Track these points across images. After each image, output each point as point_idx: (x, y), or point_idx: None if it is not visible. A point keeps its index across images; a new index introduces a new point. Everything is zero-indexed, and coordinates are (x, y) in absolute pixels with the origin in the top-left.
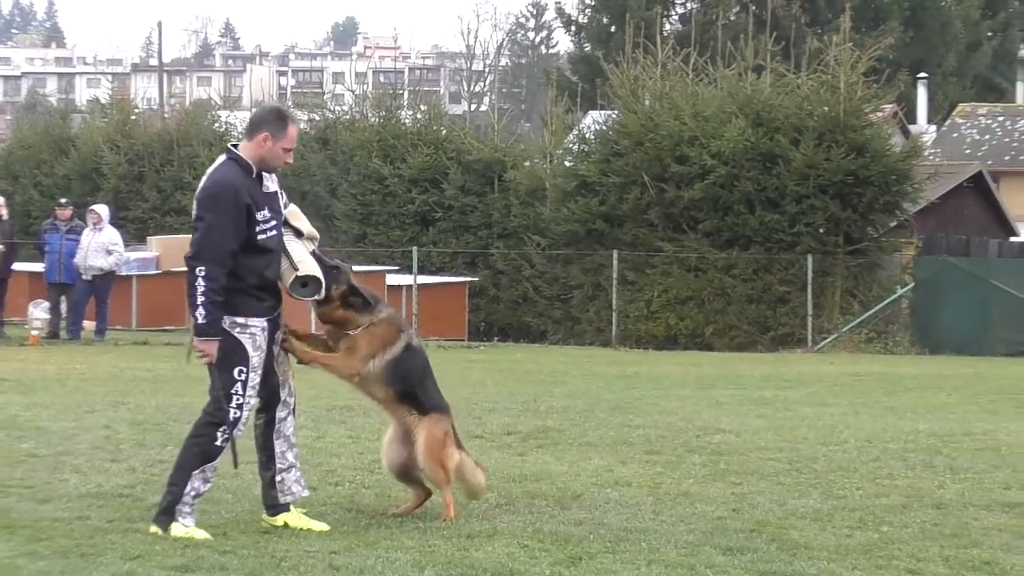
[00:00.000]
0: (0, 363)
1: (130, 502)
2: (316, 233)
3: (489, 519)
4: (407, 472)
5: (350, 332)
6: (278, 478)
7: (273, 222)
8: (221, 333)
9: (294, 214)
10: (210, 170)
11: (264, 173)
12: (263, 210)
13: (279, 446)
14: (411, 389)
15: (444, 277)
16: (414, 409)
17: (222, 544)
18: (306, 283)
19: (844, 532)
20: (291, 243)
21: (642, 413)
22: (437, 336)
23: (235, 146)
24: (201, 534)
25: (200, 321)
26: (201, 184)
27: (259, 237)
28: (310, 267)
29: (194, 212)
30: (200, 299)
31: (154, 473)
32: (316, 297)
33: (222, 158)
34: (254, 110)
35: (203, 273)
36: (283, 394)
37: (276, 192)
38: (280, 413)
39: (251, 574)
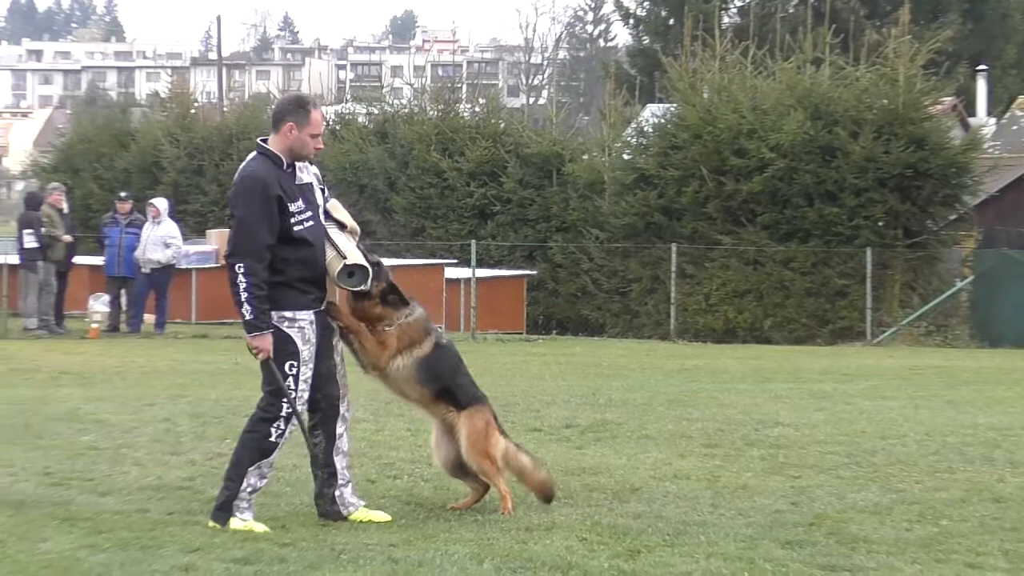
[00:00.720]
0: (61, 356)
1: (190, 495)
2: (358, 228)
3: (548, 512)
4: (460, 468)
5: (382, 328)
6: (337, 493)
7: (309, 213)
8: (271, 326)
9: (335, 207)
10: (242, 166)
11: (297, 165)
12: (296, 201)
13: (339, 462)
14: (445, 387)
15: (502, 270)
16: (451, 406)
17: (281, 537)
18: (352, 273)
19: (903, 526)
20: (335, 235)
21: (701, 406)
22: (495, 329)
23: (264, 140)
24: (260, 527)
25: (248, 317)
26: (233, 181)
27: (295, 228)
28: (357, 256)
29: (228, 211)
30: (243, 295)
31: (214, 466)
32: (362, 287)
33: (252, 154)
34: (276, 103)
35: (242, 269)
36: (342, 408)
37: (311, 183)
38: (339, 428)
39: (311, 567)
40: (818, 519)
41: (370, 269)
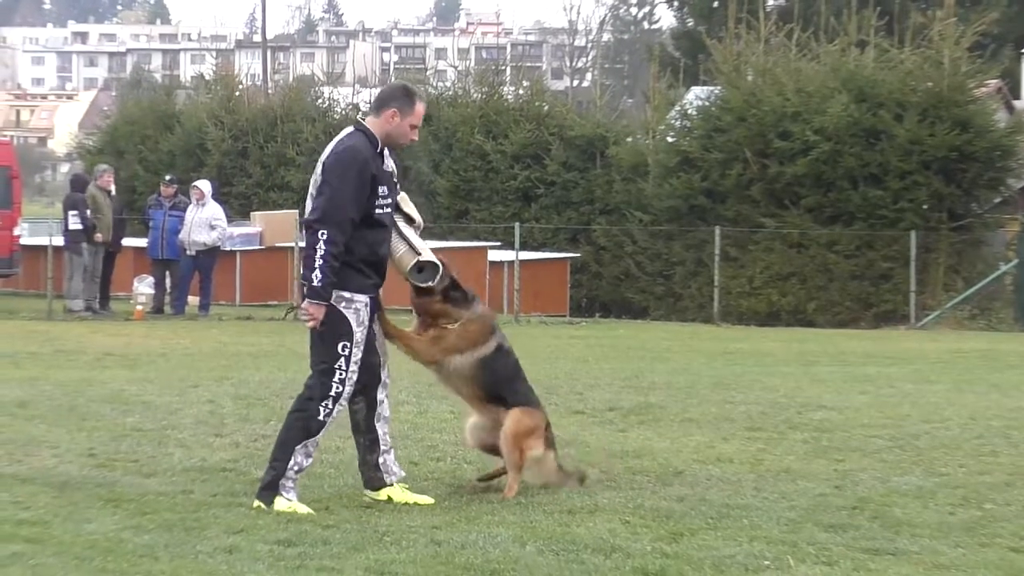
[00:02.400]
0: (106, 338)
1: (234, 476)
2: (422, 222)
3: (590, 495)
4: (493, 450)
5: (444, 326)
6: (380, 460)
7: (389, 199)
8: (330, 300)
9: (404, 200)
10: (339, 138)
11: (385, 152)
12: (383, 186)
13: (380, 428)
14: (499, 392)
15: (546, 253)
16: (502, 407)
17: (325, 518)
18: (422, 268)
19: (947, 510)
20: (405, 229)
21: (744, 389)
22: (539, 312)
23: (362, 120)
24: (304, 508)
25: (316, 283)
26: (328, 150)
27: (376, 212)
28: (429, 253)
29: (318, 177)
30: (319, 261)
31: (258, 448)
32: (429, 283)
33: (349, 129)
34: (381, 87)
35: (325, 236)
36: (383, 375)
37: (393, 172)
38: (379, 395)
39: (354, 548)
40: (861, 503)
41: (440, 267)
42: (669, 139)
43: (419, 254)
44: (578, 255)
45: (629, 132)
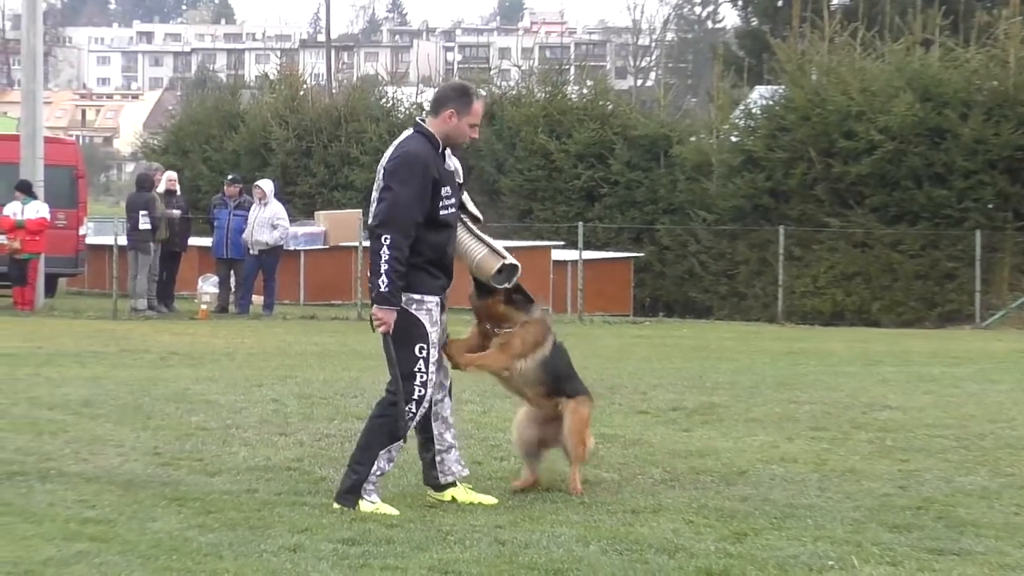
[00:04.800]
0: (170, 337)
1: (298, 475)
2: (482, 219)
3: (654, 494)
4: (537, 449)
5: (504, 328)
6: (438, 459)
7: (453, 200)
8: (400, 303)
9: (466, 200)
10: (398, 141)
11: (446, 152)
12: (446, 186)
13: (437, 428)
14: (560, 386)
15: (609, 252)
16: (562, 398)
17: (389, 517)
18: (500, 271)
19: (1012, 510)
20: (476, 230)
21: (808, 389)
22: (602, 312)
23: (422, 121)
24: (389, 509)
25: (382, 289)
26: (389, 154)
27: (441, 212)
28: (510, 256)
29: (380, 182)
30: (384, 267)
31: (321, 447)
32: (505, 285)
33: (409, 131)
34: (438, 87)
35: (388, 241)
36: (440, 376)
37: (456, 171)
38: (437, 395)
39: (418, 548)
40: (926, 503)
41: (519, 269)
42: (733, 138)
43: (503, 257)
44: (641, 255)
45: (693, 131)
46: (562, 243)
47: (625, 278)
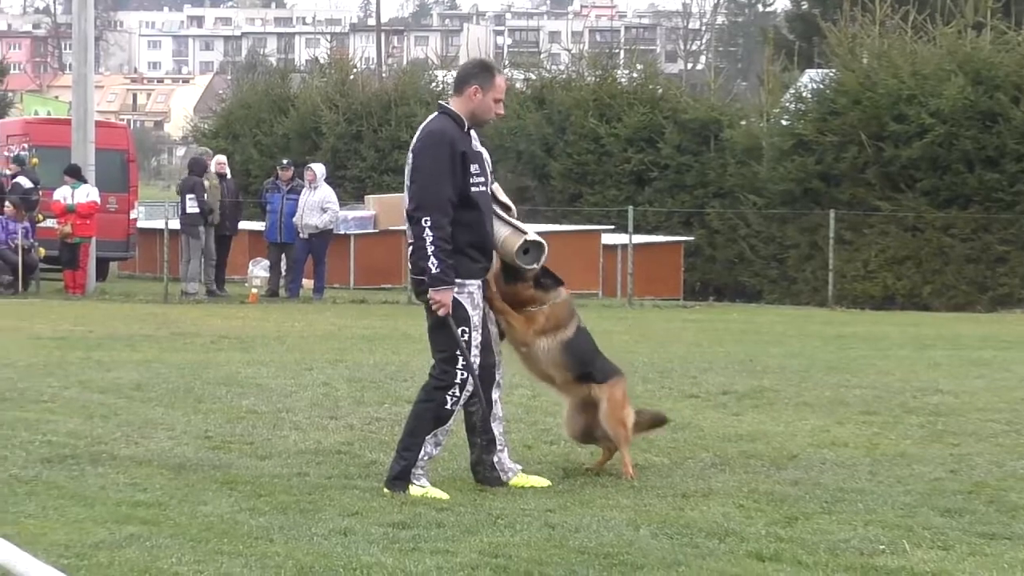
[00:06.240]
0: (221, 321)
1: (348, 459)
2: (515, 210)
3: (704, 479)
4: (590, 434)
5: (530, 309)
6: (496, 459)
7: (483, 178)
8: (454, 282)
9: (497, 190)
10: (423, 124)
11: (473, 132)
12: (475, 164)
13: (496, 428)
14: (587, 370)
15: (659, 236)
16: (592, 383)
17: (439, 501)
18: (527, 250)
19: None
20: (505, 215)
21: (859, 373)
22: (652, 296)
23: (445, 103)
24: (439, 493)
25: (434, 271)
26: (415, 137)
27: (472, 190)
28: (535, 234)
29: (410, 165)
30: (430, 248)
31: (372, 431)
32: (534, 266)
33: (434, 114)
34: (458, 67)
35: (428, 223)
36: (497, 375)
37: (484, 153)
38: (495, 395)
39: (468, 531)
40: (977, 487)
41: (546, 248)
42: (783, 122)
43: (525, 233)
44: (692, 239)
45: (743, 115)
46: (612, 227)
47: (675, 262)
